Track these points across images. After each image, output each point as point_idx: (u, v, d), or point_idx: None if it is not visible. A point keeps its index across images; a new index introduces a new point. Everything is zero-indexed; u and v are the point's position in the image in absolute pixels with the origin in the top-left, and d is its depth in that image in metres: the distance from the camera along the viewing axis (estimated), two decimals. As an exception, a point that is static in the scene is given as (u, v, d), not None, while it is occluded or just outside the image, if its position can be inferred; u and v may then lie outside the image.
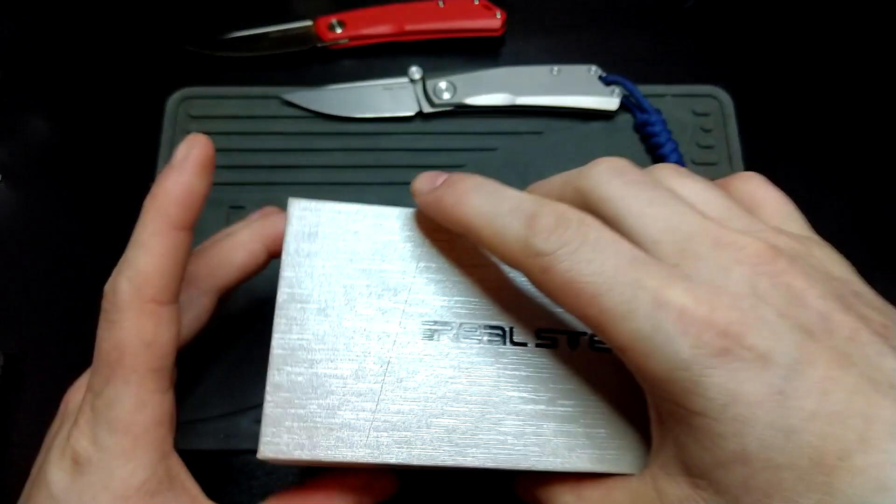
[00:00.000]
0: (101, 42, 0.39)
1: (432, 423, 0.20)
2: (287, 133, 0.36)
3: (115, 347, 0.19)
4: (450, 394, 0.20)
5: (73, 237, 0.34)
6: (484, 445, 0.20)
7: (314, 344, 0.20)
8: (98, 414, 0.19)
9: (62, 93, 0.37)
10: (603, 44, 0.40)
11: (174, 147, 0.35)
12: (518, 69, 0.37)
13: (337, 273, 0.21)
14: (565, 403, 0.21)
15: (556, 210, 0.18)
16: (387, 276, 0.21)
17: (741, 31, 0.40)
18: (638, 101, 0.36)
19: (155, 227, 0.20)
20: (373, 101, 0.36)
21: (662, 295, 0.17)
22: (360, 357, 0.20)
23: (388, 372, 0.20)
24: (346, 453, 0.20)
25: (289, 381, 0.20)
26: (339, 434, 0.20)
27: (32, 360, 0.32)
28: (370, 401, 0.20)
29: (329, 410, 0.20)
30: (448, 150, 0.36)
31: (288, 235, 0.21)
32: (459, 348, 0.21)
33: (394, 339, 0.21)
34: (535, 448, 0.20)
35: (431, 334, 0.21)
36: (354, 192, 0.35)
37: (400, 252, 0.22)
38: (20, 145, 0.36)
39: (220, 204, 0.34)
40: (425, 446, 0.20)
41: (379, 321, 0.21)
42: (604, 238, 0.18)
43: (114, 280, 0.20)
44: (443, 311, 0.21)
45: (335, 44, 0.38)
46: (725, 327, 0.16)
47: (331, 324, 0.21)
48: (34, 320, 0.32)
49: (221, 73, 0.38)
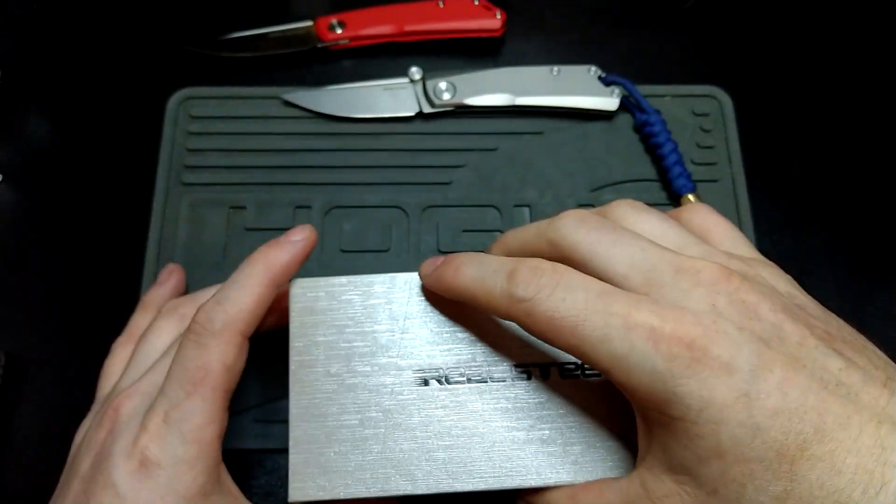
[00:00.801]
0: (101, 42, 0.39)
1: (431, 456, 0.23)
2: (287, 133, 0.36)
3: (201, 367, 0.23)
4: (443, 430, 0.24)
5: (73, 237, 0.34)
6: (477, 472, 0.23)
7: (324, 402, 0.24)
8: (172, 424, 0.22)
9: (63, 93, 0.37)
10: (603, 44, 0.40)
11: (175, 147, 0.35)
12: (518, 69, 0.37)
13: (337, 338, 0.25)
14: (543, 427, 0.24)
15: (530, 263, 0.21)
16: (378, 335, 0.25)
17: (741, 31, 0.40)
18: (637, 102, 0.36)
19: (259, 277, 0.24)
20: (373, 101, 0.36)
21: (632, 318, 0.19)
22: (364, 408, 0.24)
23: (389, 418, 0.24)
24: (360, 490, 0.23)
25: (307, 436, 0.24)
26: (354, 475, 0.23)
27: (32, 359, 0.32)
28: (377, 444, 0.24)
29: (343, 456, 0.23)
30: (448, 150, 0.36)
31: (292, 312, 0.25)
32: (447, 390, 0.24)
33: (391, 390, 0.24)
34: (521, 469, 0.23)
35: (423, 381, 0.24)
36: (354, 192, 0.35)
37: (387, 313, 0.25)
38: (21, 145, 0.36)
39: (222, 204, 0.34)
40: (427, 478, 0.23)
41: (377, 375, 0.24)
42: (574, 279, 0.20)
43: (211, 310, 0.24)
44: (430, 360, 0.24)
45: (335, 44, 0.38)
46: (692, 341, 0.18)
47: (337, 383, 0.24)
48: (35, 320, 0.33)
49: (222, 73, 0.38)
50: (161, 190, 0.34)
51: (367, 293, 0.25)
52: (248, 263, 0.25)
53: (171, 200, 0.34)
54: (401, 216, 0.34)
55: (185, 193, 0.34)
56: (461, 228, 0.34)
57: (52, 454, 0.26)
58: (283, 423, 0.30)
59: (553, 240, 0.23)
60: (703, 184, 0.35)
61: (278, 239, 0.26)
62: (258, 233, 0.34)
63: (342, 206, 0.34)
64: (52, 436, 0.30)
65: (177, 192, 0.34)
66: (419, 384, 0.24)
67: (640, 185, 0.35)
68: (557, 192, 0.35)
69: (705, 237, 0.24)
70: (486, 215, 0.34)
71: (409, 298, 0.25)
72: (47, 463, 0.26)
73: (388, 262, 0.33)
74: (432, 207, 0.34)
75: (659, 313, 0.19)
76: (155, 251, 0.33)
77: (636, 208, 0.24)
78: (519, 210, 0.35)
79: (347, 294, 0.25)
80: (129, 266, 0.33)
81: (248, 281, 0.24)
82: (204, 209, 0.34)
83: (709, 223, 0.25)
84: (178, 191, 0.34)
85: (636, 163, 0.36)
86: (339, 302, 0.25)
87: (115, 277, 0.33)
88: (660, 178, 0.35)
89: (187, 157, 0.35)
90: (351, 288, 0.25)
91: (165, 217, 0.34)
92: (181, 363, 0.23)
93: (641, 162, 0.36)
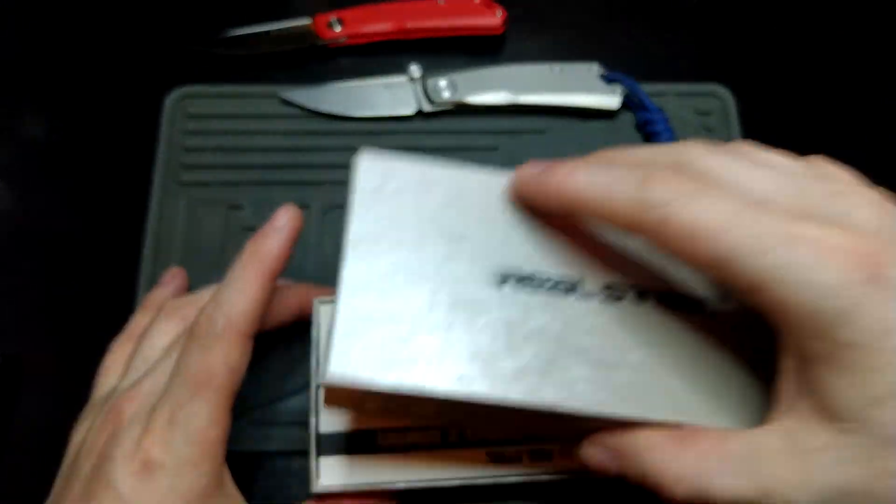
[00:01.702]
0: (98, 40, 0.39)
1: (501, 362, 0.20)
2: (286, 132, 0.35)
3: (204, 370, 0.23)
4: (518, 336, 0.20)
5: (71, 236, 0.34)
6: (554, 386, 0.20)
7: (385, 279, 0.21)
8: (176, 425, 0.22)
9: (60, 91, 0.37)
10: (604, 42, 0.39)
11: (172, 145, 0.35)
12: (519, 67, 0.36)
13: (410, 216, 0.22)
14: (634, 356, 0.20)
15: (667, 169, 0.18)
16: (455, 224, 0.22)
17: (743, 29, 0.40)
18: (640, 100, 0.36)
19: (253, 274, 0.24)
20: (372, 99, 0.36)
21: (794, 229, 0.16)
22: (432, 292, 0.21)
23: (458, 309, 0.20)
24: (417, 381, 0.19)
25: (360, 310, 0.20)
26: (412, 360, 0.19)
27: (30, 360, 0.32)
28: (443, 332, 0.20)
29: (401, 339, 0.20)
30: (448, 148, 0.35)
31: (359, 180, 0.22)
32: (526, 293, 0.21)
33: (463, 280, 0.21)
34: (608, 395, 0.20)
35: (500, 279, 0.21)
36: (354, 192, 0.34)
37: (473, 204, 0.22)
38: (18, 144, 0.36)
39: (219, 203, 0.34)
40: (495, 383, 0.19)
41: (449, 262, 0.21)
42: (720, 189, 0.18)
43: (211, 312, 0.23)
44: (511, 260, 0.21)
45: (334, 42, 0.38)
46: (868, 257, 0.16)
47: (404, 259, 0.21)
48: (32, 321, 0.32)
49: (219, 71, 0.38)
50: (158, 189, 0.34)
51: (454, 179, 0.23)
52: (239, 261, 0.25)
53: (168, 199, 0.34)
54: (400, 216, 0.34)
55: (183, 192, 0.34)
56: (461, 228, 0.34)
57: (50, 454, 0.26)
58: (283, 426, 0.30)
59: (682, 161, 0.19)
60: (705, 183, 0.35)
61: (263, 229, 0.25)
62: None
63: (341, 206, 0.34)
64: (49, 436, 0.30)
65: (174, 190, 0.34)
66: (495, 283, 0.21)
67: (641, 185, 0.35)
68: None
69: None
70: (487, 215, 0.34)
71: (502, 195, 0.22)
72: (45, 463, 0.26)
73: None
74: (432, 207, 0.34)
75: (825, 228, 0.16)
76: (152, 250, 0.33)
77: (762, 147, 0.21)
78: (520, 209, 0.34)
79: (431, 175, 0.22)
80: (125, 265, 0.33)
81: (242, 279, 0.24)
82: (201, 208, 0.34)
83: (831, 169, 0.21)
84: (175, 190, 0.34)
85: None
86: (419, 181, 0.22)
87: (111, 277, 0.33)
88: (662, 178, 0.35)
89: (184, 156, 0.35)
90: (437, 172, 0.22)
91: (162, 216, 0.33)
92: (185, 365, 0.23)
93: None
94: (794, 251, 0.16)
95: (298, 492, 0.29)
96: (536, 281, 0.21)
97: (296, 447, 0.29)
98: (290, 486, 0.29)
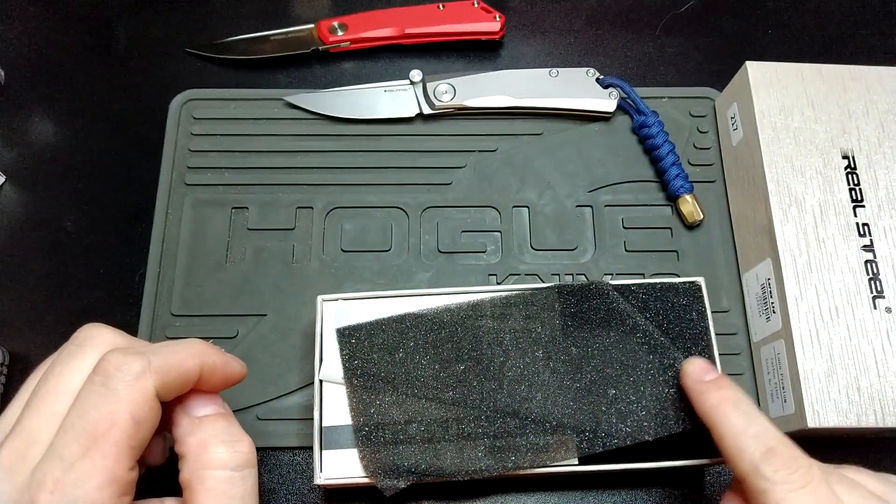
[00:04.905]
0: (105, 45, 0.39)
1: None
2: (289, 135, 0.36)
3: (106, 417, 0.19)
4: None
5: (77, 238, 0.34)
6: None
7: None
8: (64, 491, 0.19)
9: (66, 95, 0.38)
10: (600, 47, 0.40)
11: (177, 148, 0.36)
12: (517, 72, 0.37)
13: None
14: None
15: (792, 451, 0.22)
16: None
17: (737, 34, 0.41)
18: (635, 103, 0.36)
19: (193, 353, 0.22)
20: (374, 103, 0.37)
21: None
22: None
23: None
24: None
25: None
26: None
27: (36, 358, 0.32)
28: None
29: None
30: (448, 151, 0.36)
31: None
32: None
33: None
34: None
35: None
36: (355, 193, 0.35)
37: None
38: (24, 147, 0.36)
39: (224, 205, 0.34)
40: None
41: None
42: (824, 489, 0.21)
43: (127, 356, 0.20)
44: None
45: (337, 46, 0.39)
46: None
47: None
48: (39, 319, 0.33)
49: (224, 75, 0.38)
50: (164, 191, 0.35)
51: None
52: (183, 341, 0.22)
53: (173, 201, 0.34)
54: (401, 216, 0.35)
55: (188, 194, 0.35)
56: (461, 228, 0.34)
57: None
58: (283, 421, 0.30)
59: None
60: (700, 185, 0.35)
61: (226, 356, 0.23)
62: (260, 233, 0.34)
63: (343, 207, 0.35)
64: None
65: (179, 192, 0.35)
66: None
67: (637, 186, 0.36)
68: (556, 192, 0.35)
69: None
70: (486, 215, 0.35)
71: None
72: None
73: (388, 262, 0.34)
74: (432, 208, 0.35)
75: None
76: (158, 251, 0.33)
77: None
78: (518, 210, 0.35)
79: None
80: (132, 266, 0.34)
81: (181, 349, 0.21)
82: (206, 210, 0.34)
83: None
84: (181, 191, 0.35)
85: (634, 164, 0.36)
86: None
87: (118, 277, 0.33)
88: (657, 179, 0.36)
89: (190, 159, 0.35)
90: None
91: (168, 217, 0.34)
92: (80, 413, 0.19)
93: (639, 163, 0.36)
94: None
95: (301, 486, 0.30)
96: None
97: (299, 443, 0.30)
98: (293, 480, 0.30)
